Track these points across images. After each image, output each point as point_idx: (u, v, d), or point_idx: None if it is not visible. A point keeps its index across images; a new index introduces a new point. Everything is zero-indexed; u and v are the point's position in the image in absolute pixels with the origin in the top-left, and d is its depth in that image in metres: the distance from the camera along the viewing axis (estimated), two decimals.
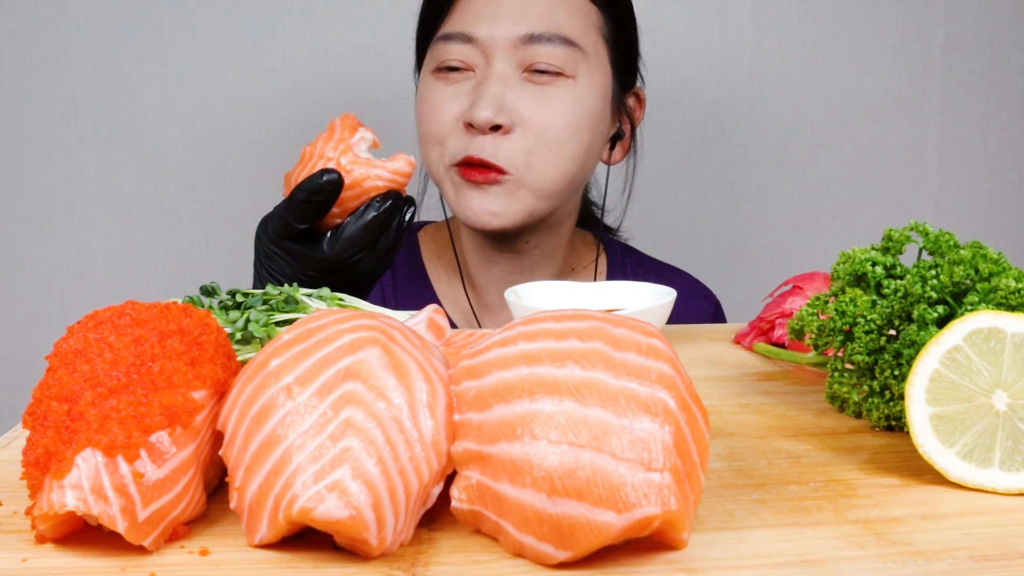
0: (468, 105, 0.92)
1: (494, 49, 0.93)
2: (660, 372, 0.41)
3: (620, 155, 1.06)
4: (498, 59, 0.93)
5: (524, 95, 0.93)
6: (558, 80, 0.94)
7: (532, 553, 0.40)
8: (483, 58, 0.94)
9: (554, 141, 0.93)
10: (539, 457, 0.39)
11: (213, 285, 0.65)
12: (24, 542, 0.41)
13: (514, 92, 0.93)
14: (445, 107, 0.94)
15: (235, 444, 0.42)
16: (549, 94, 0.93)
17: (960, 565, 0.40)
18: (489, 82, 0.92)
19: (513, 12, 0.93)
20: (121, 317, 0.45)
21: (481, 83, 0.93)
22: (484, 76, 0.93)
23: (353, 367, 0.42)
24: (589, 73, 0.95)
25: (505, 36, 0.93)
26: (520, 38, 0.92)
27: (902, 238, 0.59)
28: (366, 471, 0.39)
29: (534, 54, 0.93)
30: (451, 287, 1.07)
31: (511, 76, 0.93)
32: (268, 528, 0.40)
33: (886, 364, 0.55)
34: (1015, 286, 0.52)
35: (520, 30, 0.92)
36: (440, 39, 0.96)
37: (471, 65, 0.94)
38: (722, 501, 0.46)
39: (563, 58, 0.93)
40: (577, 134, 0.94)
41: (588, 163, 0.98)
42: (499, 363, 0.42)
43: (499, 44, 0.93)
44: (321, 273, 0.78)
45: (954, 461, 0.47)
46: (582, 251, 1.10)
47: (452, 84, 0.95)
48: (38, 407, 0.42)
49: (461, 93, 0.94)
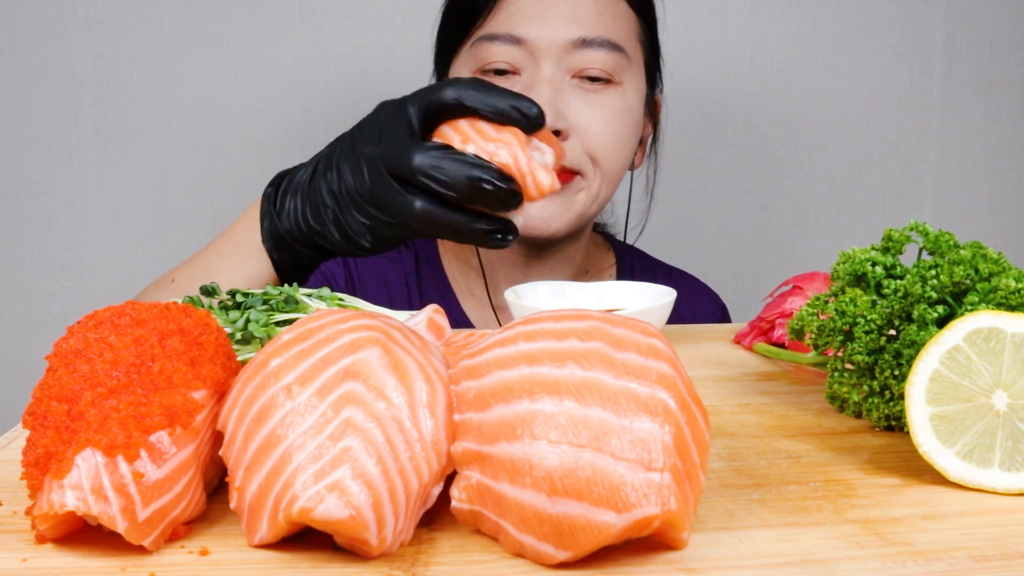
0: None
1: (544, 52, 0.91)
2: (660, 372, 0.41)
3: (640, 159, 1.06)
4: (547, 63, 0.91)
5: (576, 101, 0.92)
6: (609, 87, 0.93)
7: (532, 553, 0.40)
8: (531, 60, 0.92)
9: (609, 147, 0.93)
10: (539, 457, 0.39)
11: (213, 285, 0.65)
12: (24, 542, 0.41)
13: (565, 97, 0.91)
14: None
15: (235, 444, 0.42)
16: (602, 101, 0.92)
17: (960, 565, 0.40)
18: (540, 86, 0.90)
19: (563, 15, 0.92)
20: (121, 317, 0.45)
21: (531, 87, 0.91)
22: (533, 80, 0.91)
23: (353, 367, 0.42)
24: (633, 79, 0.95)
25: (555, 39, 0.91)
26: (571, 42, 0.91)
27: (902, 238, 0.59)
28: (366, 471, 0.39)
29: (584, 59, 0.92)
30: (467, 284, 1.06)
31: (561, 80, 0.92)
32: (268, 528, 0.40)
33: (886, 364, 0.55)
34: (1015, 286, 0.52)
35: (571, 33, 0.91)
36: (483, 39, 0.94)
37: (518, 68, 0.93)
38: (722, 501, 0.46)
39: (612, 64, 0.92)
40: (626, 141, 0.95)
41: (625, 168, 0.99)
42: (499, 363, 0.42)
43: (549, 47, 0.91)
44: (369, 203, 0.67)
45: (954, 461, 0.47)
46: (595, 254, 1.11)
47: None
48: (38, 407, 0.42)
49: None
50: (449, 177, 0.62)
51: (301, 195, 0.72)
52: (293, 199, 0.73)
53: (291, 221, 0.73)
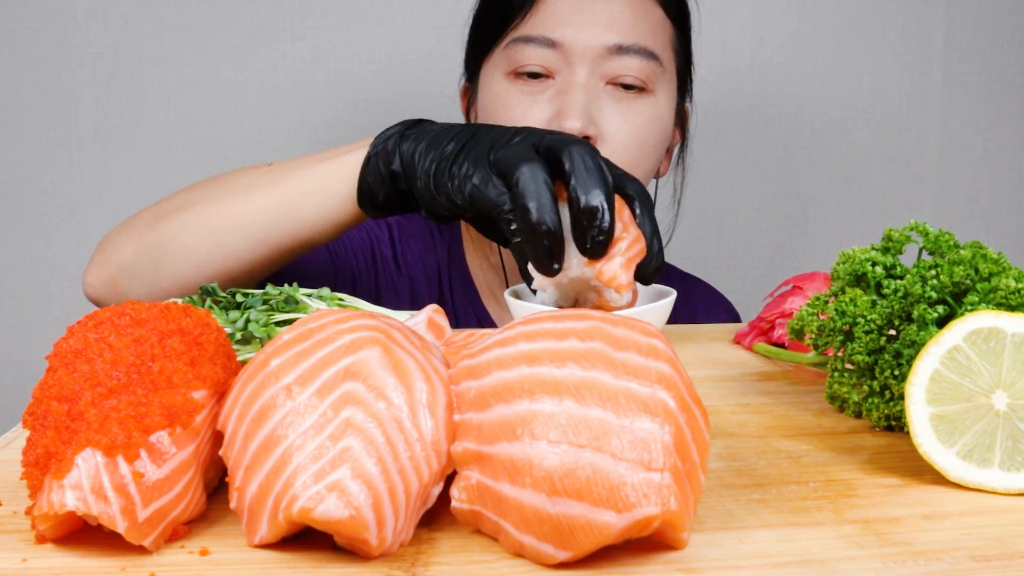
0: (551, 113, 0.90)
1: (579, 57, 0.90)
2: (660, 372, 0.41)
3: (666, 167, 1.05)
4: (582, 67, 0.90)
5: (608, 108, 0.91)
6: (642, 96, 0.92)
7: (532, 553, 0.40)
8: (566, 64, 0.91)
9: (636, 157, 0.92)
10: (539, 457, 0.39)
11: (213, 285, 0.65)
12: (24, 542, 0.41)
13: (599, 104, 0.91)
14: (527, 114, 0.91)
15: (235, 444, 0.42)
16: (635, 109, 0.92)
17: (960, 565, 0.40)
18: (575, 91, 0.90)
19: (601, 20, 0.91)
20: (121, 317, 0.45)
21: (565, 91, 0.90)
22: (568, 84, 0.91)
23: (353, 367, 0.42)
24: (666, 88, 0.95)
25: (592, 44, 0.90)
26: (608, 47, 0.90)
27: (902, 238, 0.59)
28: (366, 471, 0.39)
29: (619, 66, 0.91)
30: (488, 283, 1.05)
31: (595, 86, 0.91)
32: (268, 528, 0.40)
33: (886, 364, 0.55)
34: (1015, 286, 0.52)
35: (608, 39, 0.90)
36: (519, 40, 0.93)
37: (551, 71, 0.92)
38: (722, 501, 0.46)
39: (647, 72, 0.92)
40: (655, 151, 0.94)
41: (651, 177, 0.98)
42: (499, 363, 0.43)
43: (585, 52, 0.90)
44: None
45: (954, 461, 0.47)
46: None
47: (531, 92, 0.92)
48: (38, 407, 0.42)
49: (542, 101, 0.91)
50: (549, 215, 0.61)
51: (427, 141, 0.72)
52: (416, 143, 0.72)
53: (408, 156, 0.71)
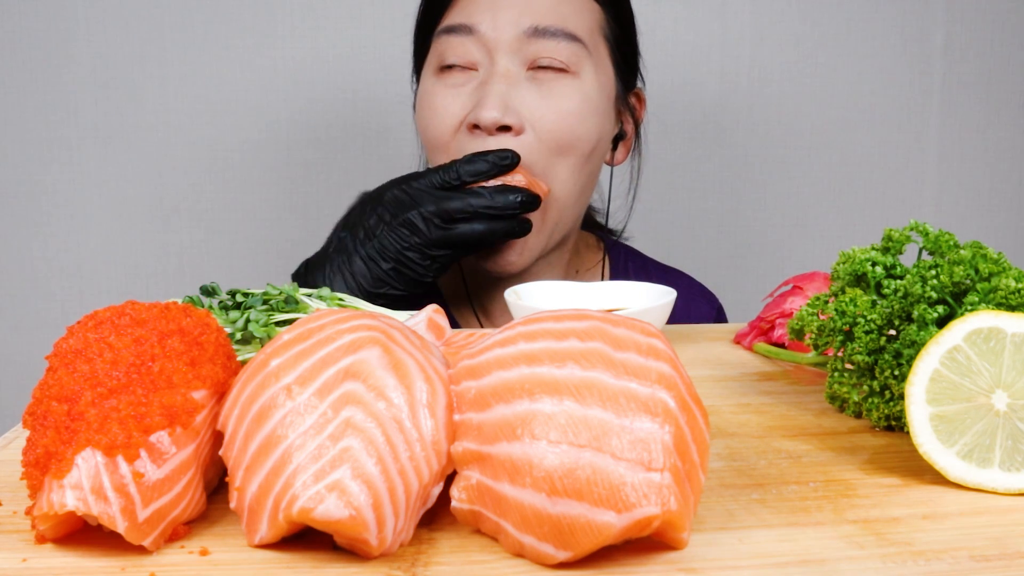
0: (472, 106, 0.90)
1: (498, 43, 0.91)
2: (660, 372, 0.41)
3: (623, 155, 1.05)
4: (502, 55, 0.91)
5: (530, 94, 0.90)
6: (563, 77, 0.92)
7: (532, 553, 0.40)
8: (486, 55, 0.91)
9: (567, 139, 0.91)
10: (539, 457, 0.39)
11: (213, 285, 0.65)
12: (24, 542, 0.41)
13: (519, 91, 0.90)
14: (448, 109, 0.92)
15: (235, 444, 0.42)
16: (557, 91, 0.91)
17: (960, 565, 0.40)
18: (493, 80, 0.90)
19: (517, 4, 0.91)
20: (121, 317, 0.45)
21: (485, 82, 0.91)
22: (488, 75, 0.91)
23: (353, 367, 0.42)
24: (593, 71, 0.94)
25: (509, 28, 0.90)
26: (525, 32, 0.90)
27: (902, 238, 0.59)
28: (366, 471, 0.39)
29: (539, 49, 0.91)
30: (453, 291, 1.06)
31: (516, 74, 0.91)
32: (268, 528, 0.40)
33: (886, 364, 0.55)
34: (1015, 286, 0.52)
35: (525, 23, 0.90)
36: (442, 32, 0.94)
37: (473, 64, 0.92)
38: (722, 501, 0.46)
39: (568, 54, 0.91)
40: (589, 134, 0.93)
41: (597, 164, 0.97)
42: (499, 363, 0.42)
43: (503, 37, 0.91)
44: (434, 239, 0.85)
45: (954, 461, 0.47)
46: (585, 254, 1.09)
47: (454, 85, 0.92)
48: (38, 407, 0.42)
49: (464, 94, 0.91)
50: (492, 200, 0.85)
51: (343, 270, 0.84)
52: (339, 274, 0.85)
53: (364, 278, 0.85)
